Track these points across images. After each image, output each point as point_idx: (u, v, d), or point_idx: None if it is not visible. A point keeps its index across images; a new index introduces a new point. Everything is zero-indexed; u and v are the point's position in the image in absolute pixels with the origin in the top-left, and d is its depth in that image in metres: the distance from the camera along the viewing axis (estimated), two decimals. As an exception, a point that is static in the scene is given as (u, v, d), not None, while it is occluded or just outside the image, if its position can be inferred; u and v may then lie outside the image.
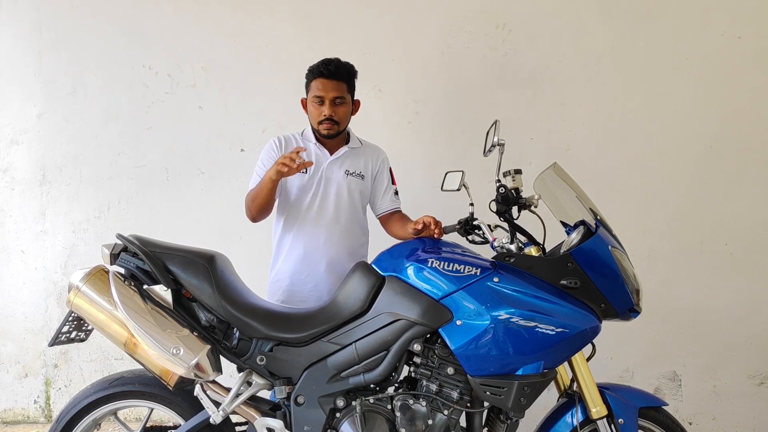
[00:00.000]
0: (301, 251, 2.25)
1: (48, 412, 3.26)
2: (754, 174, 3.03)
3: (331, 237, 2.24)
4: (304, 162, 1.96)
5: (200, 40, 3.11)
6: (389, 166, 2.38)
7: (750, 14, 2.99)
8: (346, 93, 2.19)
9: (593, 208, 1.89)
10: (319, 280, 2.23)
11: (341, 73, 2.17)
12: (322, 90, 2.16)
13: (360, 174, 2.28)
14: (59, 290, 3.19)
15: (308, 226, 2.24)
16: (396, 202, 2.35)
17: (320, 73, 2.16)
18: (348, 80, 2.20)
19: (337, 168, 2.26)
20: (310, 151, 2.26)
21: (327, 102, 2.15)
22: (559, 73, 3.07)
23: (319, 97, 2.17)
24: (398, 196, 2.37)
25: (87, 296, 1.77)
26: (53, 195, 3.19)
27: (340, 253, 2.25)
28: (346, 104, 2.21)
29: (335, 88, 2.15)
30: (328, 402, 1.83)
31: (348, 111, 2.23)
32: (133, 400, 1.92)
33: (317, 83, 2.17)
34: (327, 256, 2.23)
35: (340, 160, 2.26)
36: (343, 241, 2.26)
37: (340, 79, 2.16)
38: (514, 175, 1.90)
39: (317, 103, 2.18)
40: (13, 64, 3.16)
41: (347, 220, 2.26)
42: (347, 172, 2.26)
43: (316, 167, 2.25)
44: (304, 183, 2.25)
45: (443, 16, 3.07)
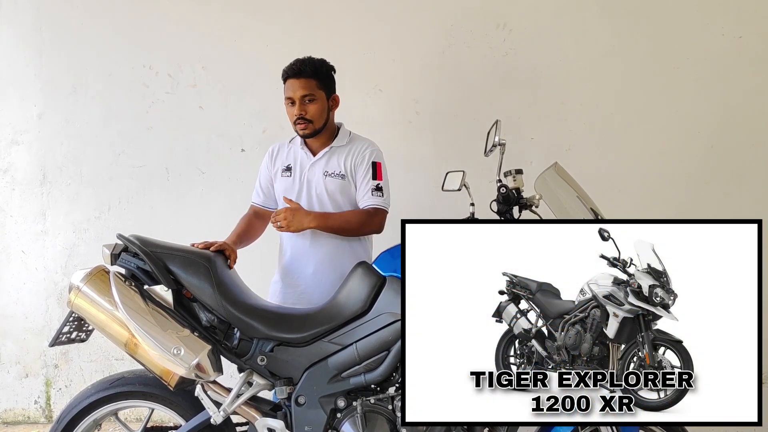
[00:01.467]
0: (289, 255, 2.26)
1: (48, 412, 3.26)
2: (755, 174, 3.03)
3: (317, 240, 2.20)
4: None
5: (200, 40, 3.11)
6: (374, 159, 2.21)
7: (750, 14, 2.99)
8: (316, 90, 2.16)
9: (594, 207, 1.90)
10: (308, 284, 2.21)
11: (306, 71, 2.15)
12: (291, 90, 2.16)
13: (339, 174, 2.21)
14: (60, 290, 3.19)
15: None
16: (374, 198, 2.17)
17: (287, 74, 2.17)
18: (316, 76, 2.16)
19: (318, 169, 2.23)
20: (296, 154, 2.27)
21: (297, 102, 2.14)
22: (559, 73, 3.07)
23: (289, 98, 2.17)
24: (381, 193, 2.19)
25: (87, 296, 1.77)
26: (53, 195, 3.19)
27: (328, 255, 2.20)
28: (318, 101, 2.16)
29: (302, 86, 2.14)
30: (328, 402, 1.83)
31: (321, 108, 2.17)
32: (134, 400, 1.92)
33: (287, 84, 2.18)
34: (314, 260, 2.21)
35: (322, 161, 2.24)
36: (332, 245, 2.20)
37: (307, 76, 2.14)
38: (515, 175, 1.90)
39: (289, 104, 2.18)
40: (13, 64, 3.16)
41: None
42: (326, 173, 2.22)
43: (300, 170, 2.25)
44: (289, 186, 2.25)
45: (443, 16, 3.07)
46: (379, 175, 2.22)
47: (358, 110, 3.03)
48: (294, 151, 2.29)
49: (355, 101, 3.03)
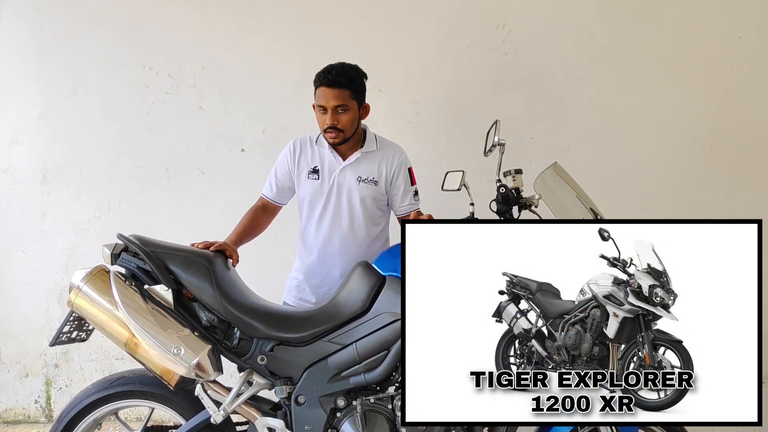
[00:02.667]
0: (315, 257, 2.27)
1: (49, 411, 3.26)
2: (754, 174, 3.03)
3: (345, 244, 2.24)
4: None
5: (200, 40, 3.11)
6: (408, 166, 2.31)
7: (750, 14, 2.99)
8: (350, 100, 2.14)
9: (594, 207, 1.90)
10: (333, 285, 2.23)
11: (341, 81, 2.12)
12: (323, 99, 2.13)
13: (373, 180, 2.24)
14: (60, 290, 3.19)
15: (323, 232, 2.25)
16: (415, 204, 2.30)
17: (320, 81, 2.15)
18: (350, 86, 2.15)
19: (350, 174, 2.23)
20: (323, 156, 2.26)
21: (329, 111, 2.13)
22: (559, 73, 3.07)
23: (321, 106, 2.15)
24: (418, 197, 2.32)
25: (88, 296, 1.77)
26: (54, 195, 3.19)
27: (355, 260, 2.19)
28: (350, 111, 2.15)
29: (336, 96, 2.12)
30: (328, 402, 1.83)
31: (353, 117, 2.17)
32: (134, 399, 1.92)
33: (320, 92, 2.15)
34: (341, 263, 2.24)
35: (353, 166, 2.24)
36: (358, 249, 2.24)
37: (341, 86, 2.12)
38: (515, 175, 1.90)
39: (321, 112, 2.17)
40: (14, 64, 3.15)
41: (361, 227, 2.25)
42: (359, 178, 2.23)
43: (329, 173, 2.24)
44: (316, 189, 2.24)
45: (443, 16, 3.07)
46: (414, 180, 2.33)
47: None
48: (320, 153, 2.27)
49: (355, 101, 3.03)
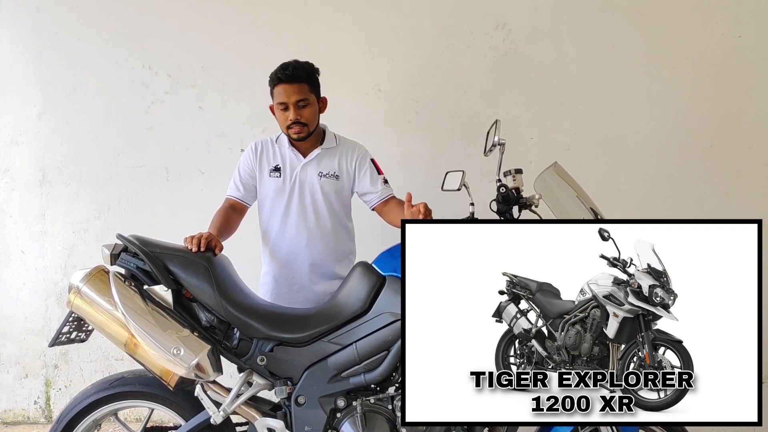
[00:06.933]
0: (284, 254, 2.29)
1: (48, 412, 3.25)
2: (754, 173, 3.03)
3: (313, 240, 2.26)
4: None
5: (200, 40, 3.11)
6: (370, 158, 2.34)
7: (750, 14, 2.99)
8: (309, 93, 2.19)
9: (594, 207, 1.90)
10: (304, 283, 2.26)
11: (299, 75, 2.16)
12: (284, 95, 2.16)
13: (334, 174, 2.28)
14: (59, 291, 3.19)
15: (290, 229, 2.27)
16: (387, 189, 2.33)
17: (279, 78, 2.17)
18: (308, 80, 2.19)
19: (311, 170, 2.27)
20: (284, 155, 2.29)
21: (291, 107, 2.16)
22: (559, 73, 3.07)
23: (282, 103, 2.18)
24: (388, 184, 2.34)
25: (87, 297, 1.77)
26: (53, 195, 3.19)
27: (323, 256, 2.27)
28: (311, 105, 2.20)
29: (296, 91, 2.16)
30: (328, 402, 1.83)
31: (314, 111, 2.22)
32: (134, 400, 1.92)
33: (279, 89, 2.18)
34: (309, 260, 2.26)
35: (314, 162, 2.28)
36: (326, 245, 2.28)
37: (300, 81, 2.16)
38: (515, 175, 1.90)
39: (282, 109, 2.19)
40: (13, 64, 3.15)
41: (327, 222, 2.28)
42: (321, 173, 2.27)
43: (291, 170, 2.27)
44: (279, 187, 2.27)
45: (443, 16, 3.07)
46: (380, 169, 2.36)
47: (358, 110, 3.03)
48: (281, 152, 2.31)
49: (355, 101, 3.03)
